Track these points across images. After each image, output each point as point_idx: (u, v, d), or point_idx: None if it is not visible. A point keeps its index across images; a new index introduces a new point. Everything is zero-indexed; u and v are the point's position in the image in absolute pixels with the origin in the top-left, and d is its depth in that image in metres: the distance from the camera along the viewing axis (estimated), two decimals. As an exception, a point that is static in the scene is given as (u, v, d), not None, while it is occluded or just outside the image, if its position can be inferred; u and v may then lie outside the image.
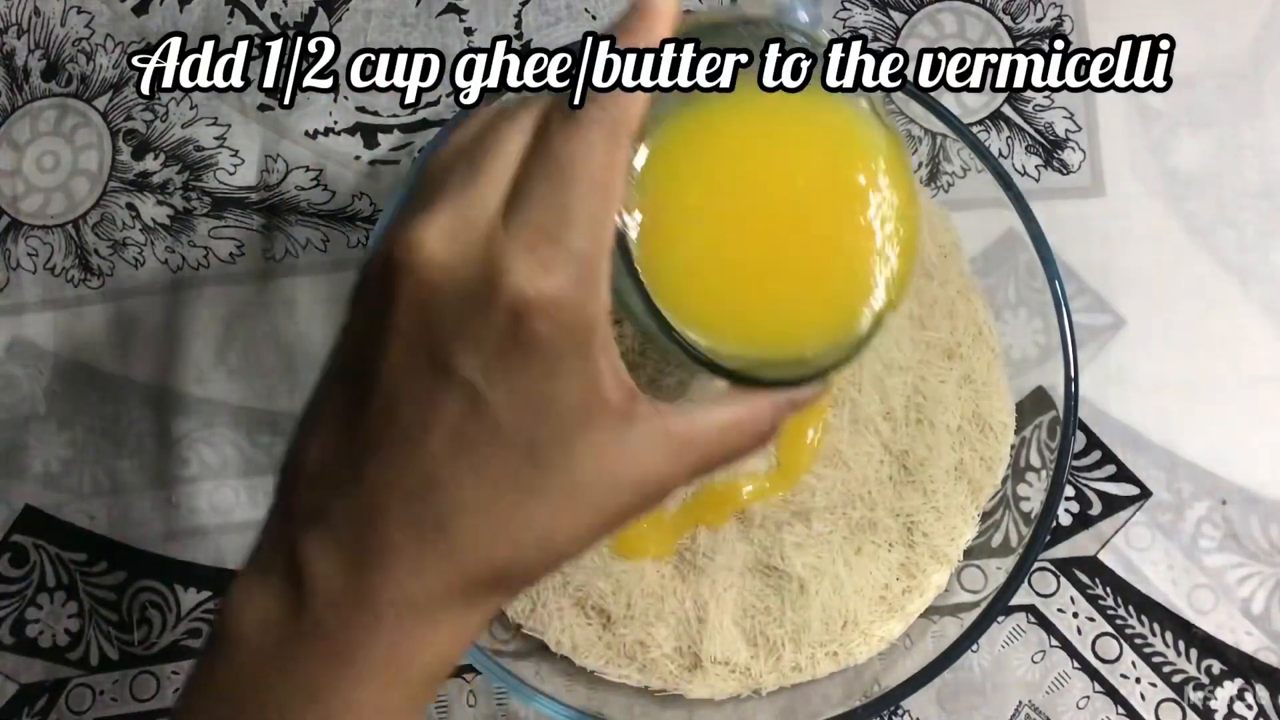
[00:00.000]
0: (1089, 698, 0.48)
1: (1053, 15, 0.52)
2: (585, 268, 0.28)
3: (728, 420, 0.31)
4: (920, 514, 0.46)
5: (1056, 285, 0.45)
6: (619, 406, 0.29)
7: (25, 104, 0.53)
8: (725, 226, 0.32)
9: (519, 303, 0.27)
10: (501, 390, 0.28)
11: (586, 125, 0.29)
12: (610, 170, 0.28)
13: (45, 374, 0.52)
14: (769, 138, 0.33)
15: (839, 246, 0.32)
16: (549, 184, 0.28)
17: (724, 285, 0.32)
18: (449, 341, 0.28)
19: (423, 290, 0.28)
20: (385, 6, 0.53)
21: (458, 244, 0.28)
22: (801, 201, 0.32)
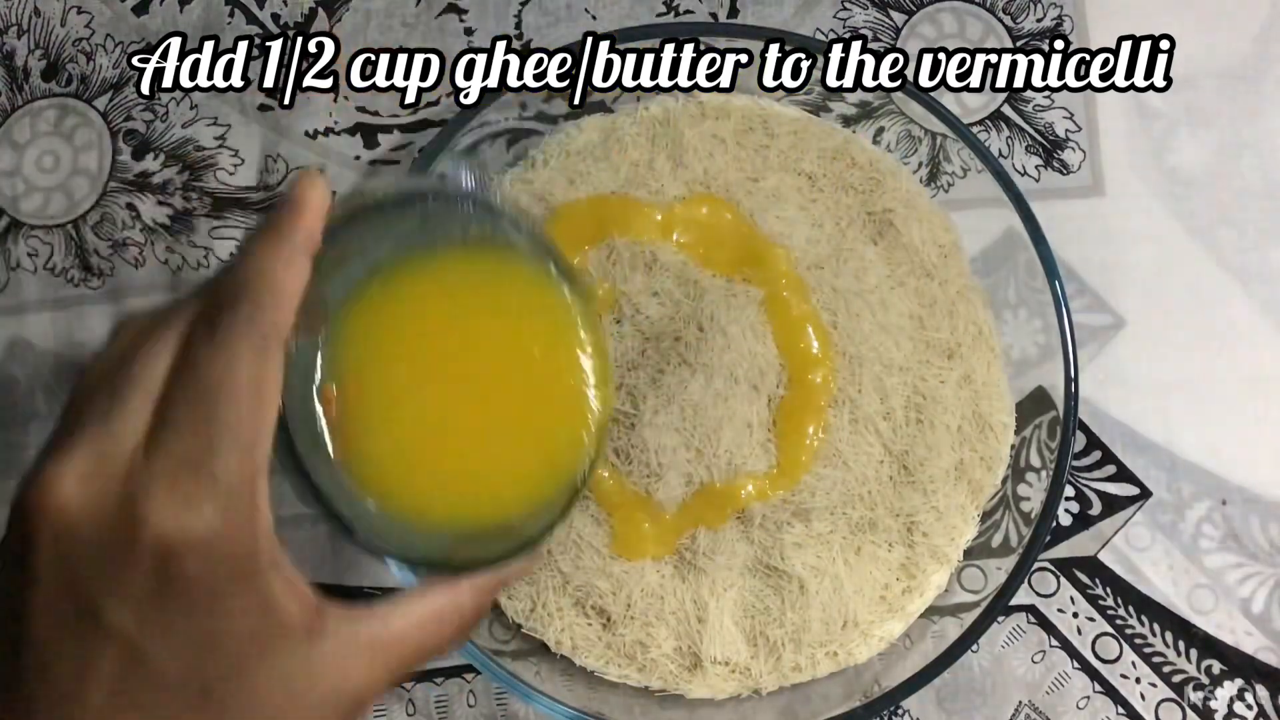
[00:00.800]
0: (1089, 698, 0.48)
1: (1053, 15, 0.52)
2: (237, 494, 0.26)
3: (426, 614, 0.29)
4: (920, 514, 0.46)
5: (1056, 285, 0.45)
6: (301, 624, 0.27)
7: (25, 104, 0.53)
8: (416, 402, 0.31)
9: (163, 545, 0.25)
10: (159, 637, 0.26)
11: (232, 339, 0.27)
12: (258, 383, 0.27)
13: (45, 374, 0.52)
14: (453, 309, 0.32)
15: (530, 412, 0.32)
16: (192, 408, 0.26)
17: (421, 462, 0.31)
18: (94, 592, 0.25)
19: (60, 538, 0.26)
20: (385, 6, 0.53)
21: (95, 484, 0.26)
22: (489, 370, 0.32)
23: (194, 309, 0.28)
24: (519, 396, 0.32)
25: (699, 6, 0.53)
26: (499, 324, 0.32)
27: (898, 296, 0.48)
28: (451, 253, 0.32)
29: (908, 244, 0.48)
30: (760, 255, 0.47)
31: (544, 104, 0.50)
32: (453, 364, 0.31)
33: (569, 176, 0.49)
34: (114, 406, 0.27)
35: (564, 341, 0.32)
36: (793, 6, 0.53)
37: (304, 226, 0.29)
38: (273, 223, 0.29)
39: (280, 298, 0.28)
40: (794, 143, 0.49)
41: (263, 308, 0.27)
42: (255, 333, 0.27)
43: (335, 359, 0.30)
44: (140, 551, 0.25)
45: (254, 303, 0.27)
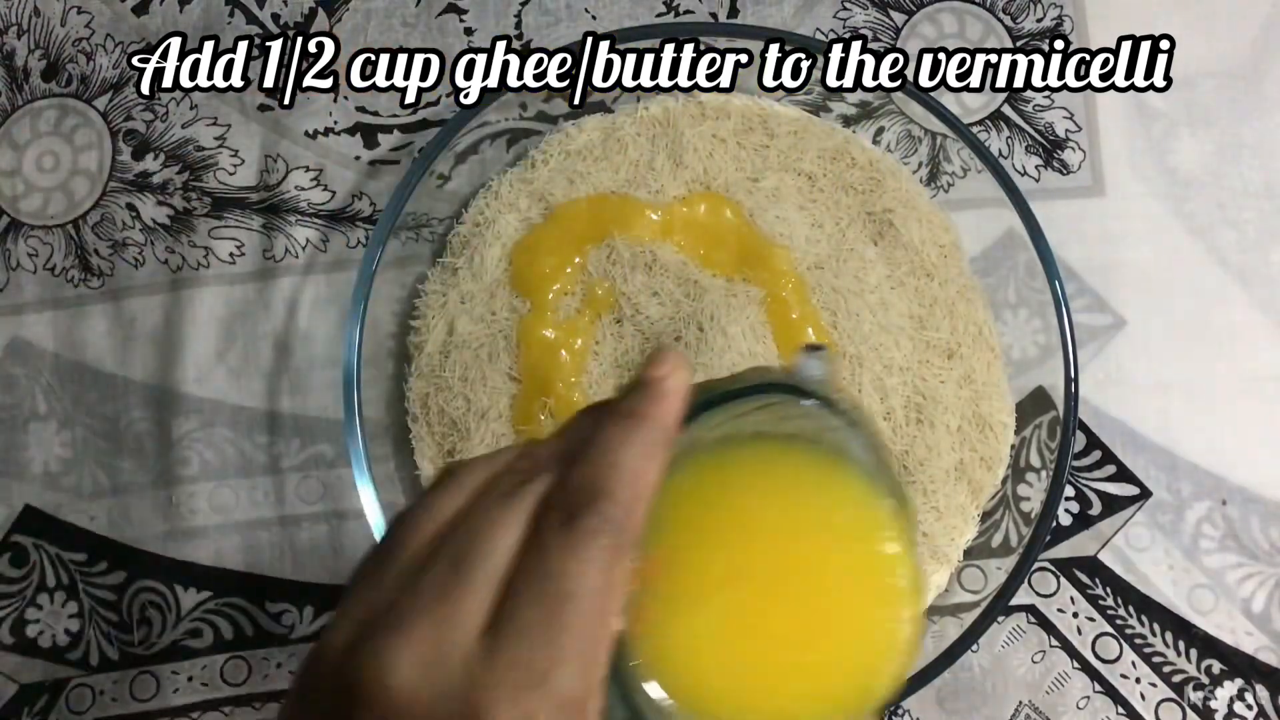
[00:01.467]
0: (1089, 698, 0.48)
1: (1053, 15, 0.52)
2: (570, 711, 0.25)
3: None
4: (920, 514, 0.46)
5: (1056, 285, 0.45)
6: None
7: (25, 104, 0.53)
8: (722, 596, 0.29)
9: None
10: None
11: (586, 538, 0.25)
12: (608, 594, 0.25)
13: (45, 374, 0.52)
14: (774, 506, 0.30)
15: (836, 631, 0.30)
16: (540, 611, 0.25)
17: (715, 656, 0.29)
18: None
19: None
20: (385, 6, 0.53)
21: (432, 674, 0.24)
22: (803, 581, 0.30)
23: (542, 485, 0.27)
24: (828, 613, 0.30)
25: (699, 6, 0.53)
26: (819, 532, 0.30)
27: (898, 296, 0.48)
28: (778, 445, 0.31)
29: (908, 244, 0.48)
30: (760, 255, 0.47)
31: (544, 104, 0.50)
32: (765, 566, 0.30)
33: (569, 176, 0.49)
34: (454, 586, 0.25)
35: (883, 565, 0.30)
36: (793, 6, 0.53)
37: (666, 417, 0.27)
38: (636, 410, 0.27)
39: (638, 498, 0.26)
40: (794, 143, 0.49)
41: (622, 508, 0.26)
42: (612, 536, 0.25)
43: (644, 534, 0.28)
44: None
45: (614, 501, 0.26)
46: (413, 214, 0.48)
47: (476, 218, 0.49)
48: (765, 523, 0.30)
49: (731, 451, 0.30)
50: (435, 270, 0.49)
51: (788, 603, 0.29)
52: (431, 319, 0.48)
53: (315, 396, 0.50)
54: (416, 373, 0.48)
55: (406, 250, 0.49)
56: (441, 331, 0.48)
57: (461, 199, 0.50)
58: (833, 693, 0.30)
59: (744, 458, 0.30)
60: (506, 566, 0.25)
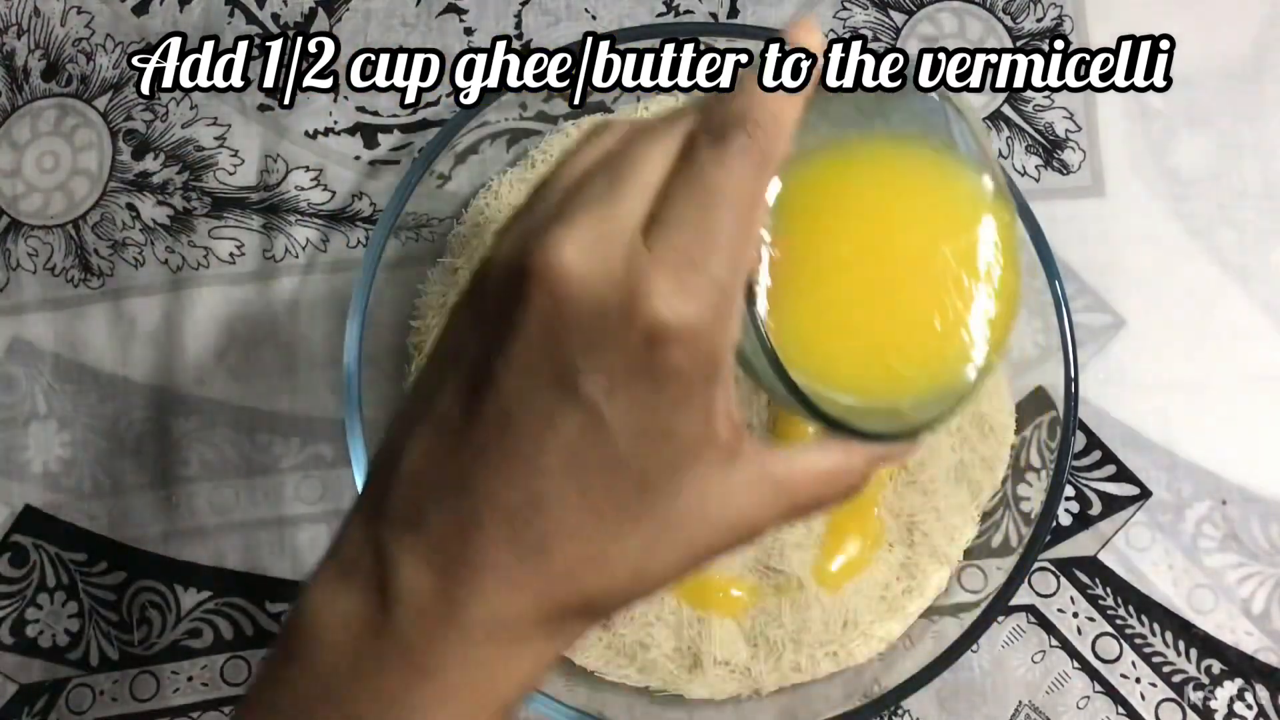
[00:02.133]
0: (1089, 698, 0.48)
1: (1053, 15, 0.52)
2: (723, 297, 0.27)
3: (825, 468, 0.30)
4: (920, 514, 0.46)
5: (1056, 285, 0.45)
6: (727, 444, 0.28)
7: (25, 104, 0.53)
8: (842, 275, 0.32)
9: (656, 327, 0.26)
10: (622, 415, 0.26)
11: (735, 153, 0.27)
12: (754, 202, 0.27)
13: (45, 374, 0.52)
14: (893, 195, 0.33)
15: (947, 306, 0.33)
16: (694, 207, 0.27)
17: (834, 330, 0.32)
18: (577, 358, 0.26)
19: (557, 301, 0.26)
20: (385, 6, 0.53)
21: (596, 257, 0.26)
22: (918, 260, 0.33)
23: (690, 122, 0.29)
24: (936, 290, 0.32)
25: (699, 6, 0.53)
26: (930, 217, 0.33)
27: (898, 296, 0.48)
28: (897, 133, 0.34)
29: (908, 244, 0.48)
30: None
31: (544, 104, 0.50)
32: (880, 247, 0.32)
33: (569, 176, 0.49)
34: (616, 189, 0.27)
35: (983, 249, 0.33)
36: (793, 6, 0.53)
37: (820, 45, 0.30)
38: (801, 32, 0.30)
39: (781, 126, 0.28)
40: (794, 142, 0.49)
41: (765, 131, 0.28)
42: (758, 150, 0.28)
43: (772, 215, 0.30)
44: (633, 327, 0.26)
45: (759, 125, 0.28)
46: (413, 214, 0.48)
47: (476, 218, 0.49)
48: (882, 212, 0.32)
49: (850, 145, 0.33)
50: (435, 270, 0.49)
51: (898, 283, 0.32)
52: (431, 319, 0.48)
53: (315, 396, 0.50)
54: (416, 373, 0.48)
55: (406, 250, 0.49)
56: (441, 331, 0.48)
57: (461, 199, 0.50)
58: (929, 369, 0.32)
59: (859, 151, 0.33)
60: (661, 179, 0.28)
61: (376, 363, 0.49)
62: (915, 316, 0.32)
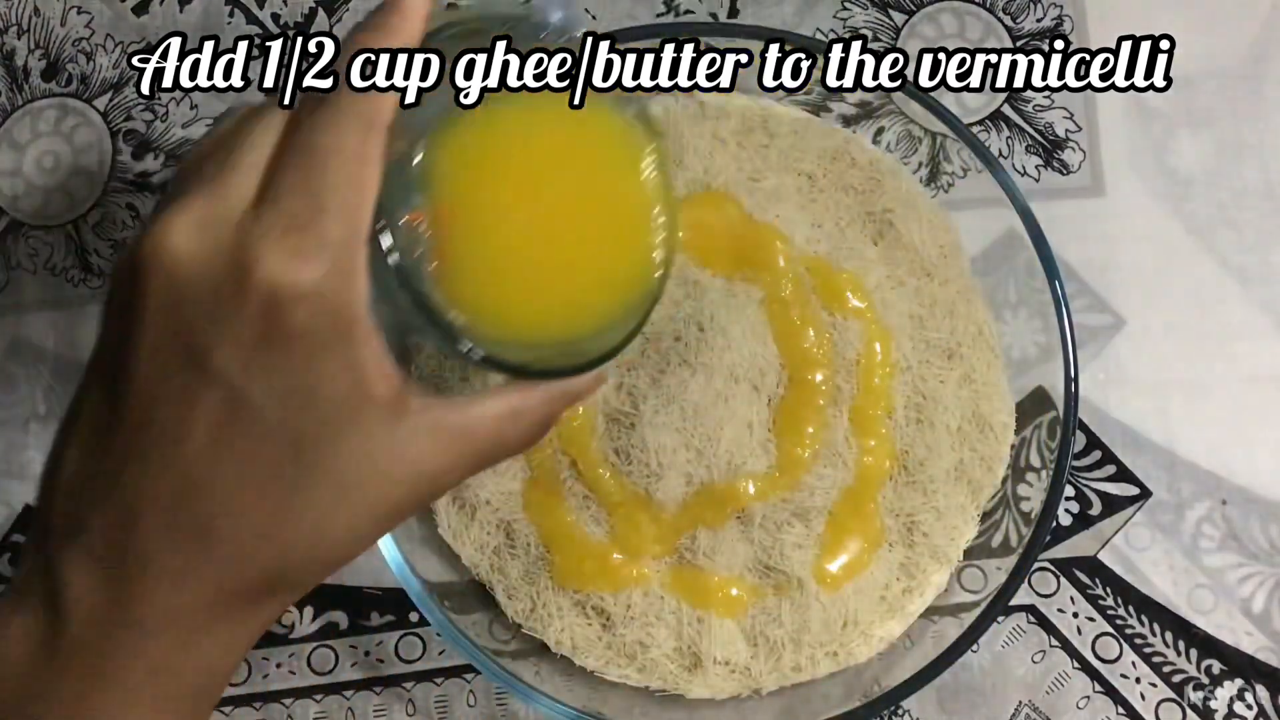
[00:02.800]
0: (1089, 698, 0.48)
1: (1053, 15, 0.52)
2: (341, 255, 0.27)
3: (502, 410, 0.30)
4: (920, 514, 0.46)
5: (1056, 285, 0.45)
6: (386, 399, 0.28)
7: (25, 104, 0.53)
8: (505, 219, 0.32)
9: (273, 293, 0.26)
10: (260, 384, 0.26)
11: (338, 114, 0.28)
12: (363, 159, 0.28)
13: (45, 374, 0.52)
14: (537, 136, 0.34)
15: (607, 236, 0.34)
16: (300, 172, 0.27)
17: (506, 274, 0.32)
18: (202, 338, 0.26)
19: (172, 286, 0.27)
20: (385, 6, 0.53)
21: (206, 236, 0.27)
22: (570, 196, 0.34)
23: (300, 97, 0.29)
24: (597, 222, 0.34)
25: (699, 6, 0.53)
26: (580, 153, 0.34)
27: (898, 296, 0.48)
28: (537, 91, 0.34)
29: (908, 244, 0.48)
30: (760, 255, 0.47)
31: (544, 104, 0.50)
32: (536, 187, 0.33)
33: (569, 176, 0.49)
34: (223, 171, 0.28)
35: (637, 175, 0.34)
36: (793, 6, 0.53)
37: (407, 28, 0.30)
38: (376, 22, 0.30)
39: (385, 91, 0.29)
40: (794, 143, 0.49)
41: (369, 94, 0.29)
42: (360, 111, 0.28)
43: (425, 176, 0.31)
44: (249, 298, 0.26)
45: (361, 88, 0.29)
46: (413, 214, 0.48)
47: (476, 218, 0.49)
48: (532, 158, 0.33)
49: (494, 100, 0.34)
50: (435, 270, 0.49)
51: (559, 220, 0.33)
52: (431, 319, 0.48)
53: (315, 396, 0.50)
54: (416, 373, 0.48)
55: (406, 250, 0.49)
56: (441, 331, 0.48)
57: (461, 199, 0.50)
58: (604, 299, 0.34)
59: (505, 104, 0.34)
60: (271, 152, 0.28)
61: (376, 363, 0.49)
62: (582, 243, 0.33)
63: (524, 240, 0.32)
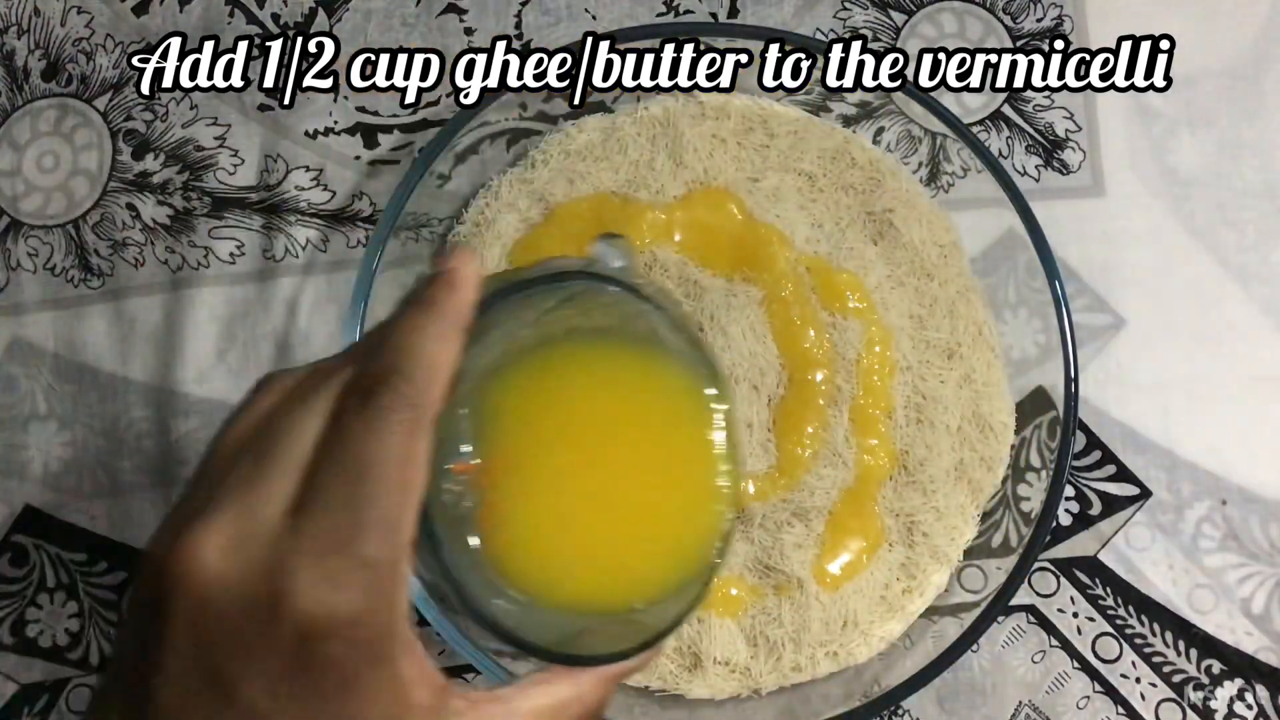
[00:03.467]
0: (1089, 698, 0.48)
1: (1053, 15, 0.52)
2: (380, 576, 0.25)
3: (548, 704, 0.29)
4: (920, 514, 0.46)
5: (1056, 285, 0.45)
6: (429, 707, 0.26)
7: (25, 104, 0.53)
8: (558, 482, 0.31)
9: (306, 623, 0.24)
10: (291, 716, 0.25)
11: (383, 414, 0.26)
12: (407, 464, 0.26)
13: (45, 374, 0.52)
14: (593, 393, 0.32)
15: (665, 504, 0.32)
16: (341, 484, 0.25)
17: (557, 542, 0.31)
18: (229, 663, 0.25)
19: (199, 606, 0.25)
20: (385, 6, 0.53)
21: (239, 554, 0.25)
22: (627, 460, 0.32)
23: (343, 378, 0.27)
24: (655, 487, 0.31)
25: (699, 6, 0.53)
26: (638, 412, 0.32)
27: (898, 296, 0.48)
28: (593, 335, 0.32)
29: (908, 244, 0.48)
30: (760, 255, 0.47)
31: (544, 104, 0.50)
32: (590, 450, 0.31)
33: (569, 176, 0.49)
34: (259, 474, 0.26)
35: (701, 437, 0.31)
36: (793, 6, 0.53)
37: (459, 303, 0.29)
38: (427, 297, 0.29)
39: (434, 375, 0.27)
40: (794, 143, 0.49)
41: (416, 386, 0.27)
42: (408, 410, 0.26)
43: (472, 435, 0.29)
44: (282, 628, 0.25)
45: (408, 379, 0.27)
46: (413, 214, 0.48)
47: (476, 218, 0.49)
48: (590, 417, 0.31)
49: (552, 350, 0.31)
50: (435, 270, 0.49)
51: (614, 485, 0.31)
52: (431, 319, 0.48)
53: (315, 396, 0.50)
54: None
55: (406, 250, 0.49)
56: (441, 331, 0.48)
57: (461, 199, 0.50)
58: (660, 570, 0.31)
59: (563, 355, 0.31)
60: (310, 453, 0.26)
61: (376, 363, 0.49)
62: (641, 510, 0.31)
63: (573, 503, 0.31)
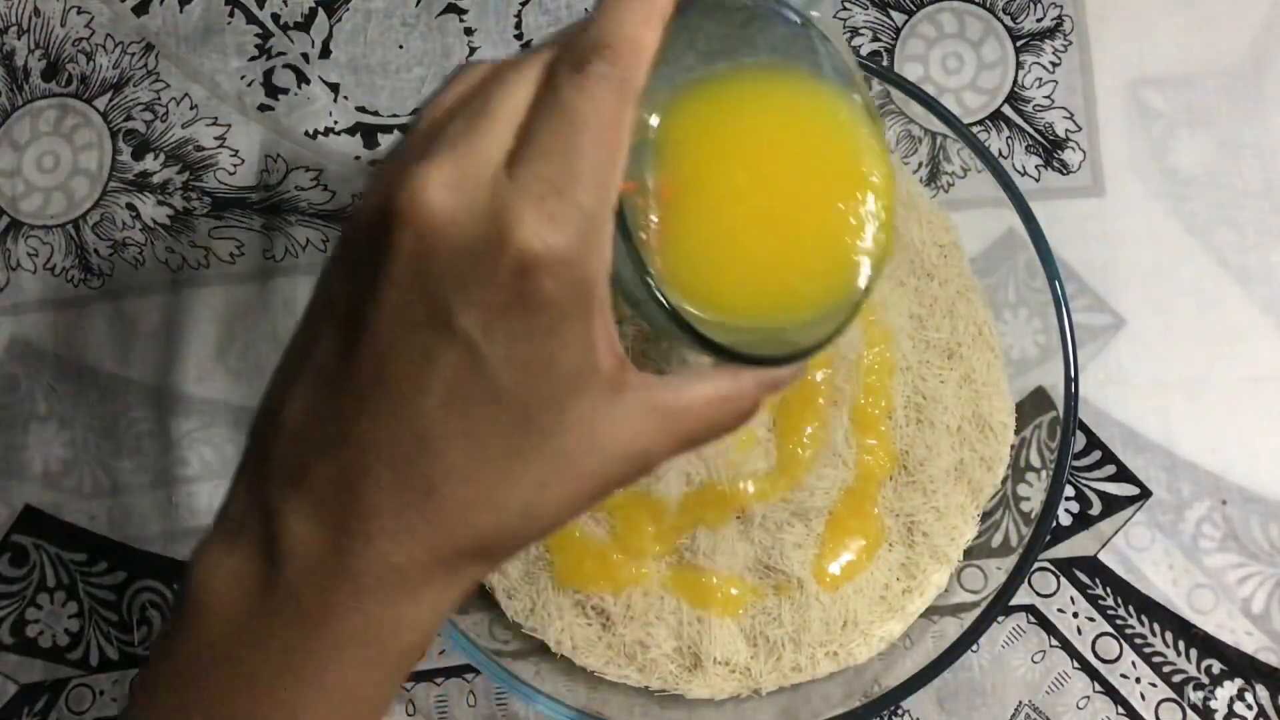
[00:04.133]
0: (1089, 698, 0.48)
1: (1053, 15, 0.52)
2: (591, 224, 0.26)
3: (713, 394, 0.30)
4: (920, 514, 0.46)
5: (1056, 285, 0.45)
6: (610, 374, 0.28)
7: (25, 104, 0.53)
8: (731, 202, 0.32)
9: (526, 258, 0.26)
10: (501, 348, 0.26)
11: (595, 80, 0.27)
12: (617, 127, 0.27)
13: (45, 374, 0.52)
14: (769, 121, 0.33)
15: (825, 224, 0.33)
16: (556, 137, 0.27)
17: (728, 257, 0.32)
18: (449, 295, 0.26)
19: (423, 240, 0.26)
20: (385, 6, 0.53)
21: (461, 193, 0.26)
22: (802, 180, 0.33)
23: (550, 54, 0.28)
24: (820, 213, 0.33)
25: None
26: (805, 138, 0.34)
27: (898, 296, 0.48)
28: (767, 63, 0.33)
29: (908, 244, 0.48)
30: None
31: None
32: (762, 172, 0.33)
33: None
34: (477, 124, 0.27)
35: (859, 163, 0.33)
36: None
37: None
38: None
39: (641, 54, 0.28)
40: (794, 142, 0.49)
41: (624, 59, 0.27)
42: (617, 77, 0.27)
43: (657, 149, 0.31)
44: (502, 262, 0.26)
45: (617, 52, 0.27)
46: (413, 214, 0.48)
47: (476, 218, 0.49)
48: (766, 141, 0.33)
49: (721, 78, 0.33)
50: (435, 270, 0.49)
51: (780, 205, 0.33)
52: (431, 319, 0.48)
53: (315, 396, 0.50)
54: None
55: (406, 250, 0.49)
56: (441, 331, 0.48)
57: (461, 199, 0.50)
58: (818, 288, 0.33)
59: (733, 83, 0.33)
60: (523, 111, 0.27)
61: (376, 363, 0.49)
62: (807, 234, 0.33)
63: (746, 223, 0.32)
